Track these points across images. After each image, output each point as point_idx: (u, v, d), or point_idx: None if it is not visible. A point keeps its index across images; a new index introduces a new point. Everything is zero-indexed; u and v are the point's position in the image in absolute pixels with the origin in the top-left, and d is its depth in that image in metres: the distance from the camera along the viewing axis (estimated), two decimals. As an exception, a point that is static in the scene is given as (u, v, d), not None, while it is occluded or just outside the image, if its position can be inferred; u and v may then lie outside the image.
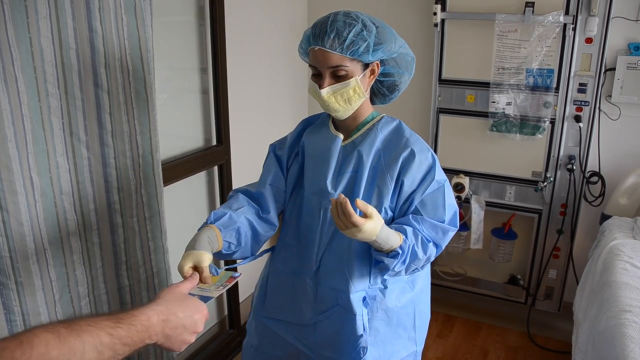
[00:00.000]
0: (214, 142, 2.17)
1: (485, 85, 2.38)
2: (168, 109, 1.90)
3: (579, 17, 2.16)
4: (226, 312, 2.43)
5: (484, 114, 2.42)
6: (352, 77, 1.21)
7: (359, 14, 1.21)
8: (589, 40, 2.19)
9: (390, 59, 1.26)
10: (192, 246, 1.15)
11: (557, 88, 2.27)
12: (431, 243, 1.24)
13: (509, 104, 2.36)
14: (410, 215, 1.24)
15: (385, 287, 1.31)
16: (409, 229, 1.21)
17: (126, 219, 1.52)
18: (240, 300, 2.45)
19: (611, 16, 2.14)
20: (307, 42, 1.23)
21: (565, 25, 2.19)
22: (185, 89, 2.06)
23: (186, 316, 0.87)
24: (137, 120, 1.49)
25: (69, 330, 0.70)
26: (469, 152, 2.51)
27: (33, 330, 0.69)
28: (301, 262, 1.36)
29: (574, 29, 2.18)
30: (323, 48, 1.18)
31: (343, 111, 1.24)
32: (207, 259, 1.12)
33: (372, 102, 1.36)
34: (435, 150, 2.57)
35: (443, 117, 2.52)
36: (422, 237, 1.22)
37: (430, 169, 1.25)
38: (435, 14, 2.36)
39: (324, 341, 1.35)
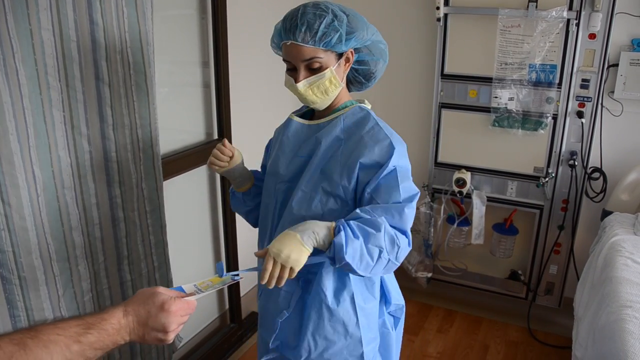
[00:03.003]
0: (216, 136, 2.16)
1: (487, 80, 2.37)
2: (169, 102, 1.89)
3: (583, 13, 2.15)
4: (227, 306, 2.43)
5: (486, 109, 2.41)
6: (326, 68, 1.20)
7: (329, 4, 1.19)
8: (592, 36, 2.18)
9: (364, 47, 1.26)
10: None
11: (560, 84, 2.26)
12: (385, 224, 1.13)
13: (511, 99, 2.35)
14: (357, 209, 1.16)
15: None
16: (352, 215, 1.14)
17: (128, 213, 1.52)
18: (242, 294, 2.45)
19: (615, 12, 2.13)
20: (279, 36, 1.21)
21: (568, 20, 2.17)
22: (186, 82, 2.05)
23: (149, 316, 0.84)
24: (137, 114, 1.49)
25: (36, 341, 0.69)
26: (471, 148, 2.51)
27: None
28: (260, 241, 1.38)
29: (578, 25, 2.17)
30: (295, 42, 1.17)
31: (321, 102, 1.25)
32: (240, 155, 1.34)
33: (349, 89, 1.35)
34: (437, 145, 2.57)
35: (445, 112, 2.51)
36: (369, 218, 1.12)
37: (388, 158, 1.19)
38: (438, 8, 2.35)
39: (262, 319, 1.38)
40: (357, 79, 1.32)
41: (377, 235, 1.10)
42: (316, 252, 1.10)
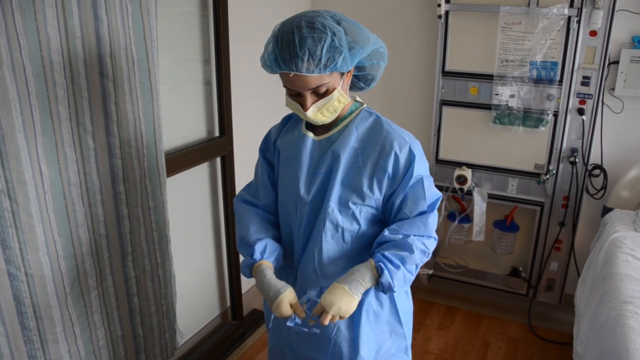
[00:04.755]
0: (217, 134, 2.16)
1: (488, 77, 2.37)
2: (171, 100, 1.89)
3: (584, 10, 2.15)
4: (229, 304, 2.44)
5: (487, 106, 2.42)
6: (334, 89, 1.16)
7: (322, 18, 1.11)
8: (593, 33, 2.19)
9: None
10: (277, 291, 1.20)
11: (561, 81, 2.27)
12: (416, 237, 1.21)
13: (512, 96, 2.36)
14: (386, 230, 1.22)
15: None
16: (383, 238, 1.21)
17: (132, 210, 1.52)
18: (243, 291, 2.46)
19: (616, 9, 2.13)
20: (276, 64, 1.13)
21: (569, 17, 2.18)
22: (187, 80, 2.05)
23: None
24: (141, 110, 1.49)
25: None
26: (472, 145, 2.51)
27: None
28: (288, 260, 1.35)
29: (579, 22, 2.17)
30: (299, 74, 1.10)
31: (329, 120, 1.22)
32: (293, 294, 1.21)
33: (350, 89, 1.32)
34: (437, 142, 2.57)
35: (446, 109, 2.51)
36: (400, 240, 1.20)
37: (410, 166, 1.21)
38: (439, 5, 2.35)
39: (299, 337, 1.35)
40: (357, 85, 1.30)
41: (412, 256, 1.19)
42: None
